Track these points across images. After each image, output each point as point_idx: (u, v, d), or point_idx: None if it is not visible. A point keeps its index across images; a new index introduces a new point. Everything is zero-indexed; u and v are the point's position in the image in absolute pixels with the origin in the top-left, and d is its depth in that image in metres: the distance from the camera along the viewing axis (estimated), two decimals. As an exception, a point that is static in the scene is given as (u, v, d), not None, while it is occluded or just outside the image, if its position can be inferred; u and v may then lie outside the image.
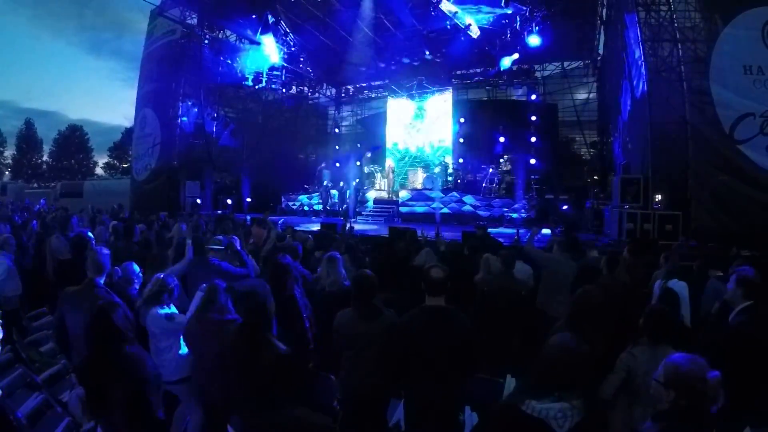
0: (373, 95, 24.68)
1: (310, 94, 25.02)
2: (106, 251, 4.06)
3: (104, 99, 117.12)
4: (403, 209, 16.55)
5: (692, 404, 1.91)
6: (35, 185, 45.06)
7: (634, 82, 12.62)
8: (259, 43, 18.03)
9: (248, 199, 21.03)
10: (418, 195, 16.80)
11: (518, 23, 16.56)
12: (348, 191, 17.64)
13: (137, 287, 4.26)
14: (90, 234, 6.21)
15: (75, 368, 3.84)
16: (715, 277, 5.08)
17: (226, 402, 3.16)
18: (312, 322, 4.16)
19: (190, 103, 20.14)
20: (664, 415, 1.98)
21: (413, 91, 21.51)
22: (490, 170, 17.12)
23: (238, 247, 5.18)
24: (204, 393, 3.54)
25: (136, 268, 4.40)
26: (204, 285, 3.72)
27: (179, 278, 4.29)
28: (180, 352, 3.66)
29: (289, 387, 2.90)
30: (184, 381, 3.63)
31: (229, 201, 20.37)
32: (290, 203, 20.09)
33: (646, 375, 2.73)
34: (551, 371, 2.00)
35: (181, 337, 3.66)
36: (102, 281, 3.91)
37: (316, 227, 12.22)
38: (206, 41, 19.86)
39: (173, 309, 3.86)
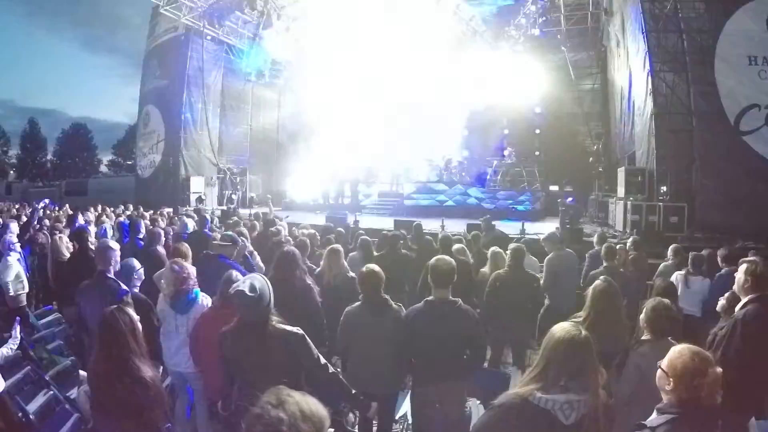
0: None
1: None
2: (113, 243, 4.12)
3: (103, 96, 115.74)
4: (407, 202, 16.52)
5: (690, 396, 1.91)
6: (40, 184, 45.17)
7: (639, 73, 12.55)
8: (261, 38, 18.00)
9: (252, 194, 21.03)
10: (423, 188, 16.78)
11: (522, 14, 16.47)
12: (352, 184, 17.63)
13: (137, 284, 4.21)
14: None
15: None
16: (725, 269, 5.08)
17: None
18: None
19: (193, 99, 20.18)
20: (668, 406, 1.99)
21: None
22: (495, 162, 17.06)
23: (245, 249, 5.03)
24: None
25: (137, 264, 4.35)
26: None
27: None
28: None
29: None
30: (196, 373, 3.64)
31: (233, 196, 20.40)
32: (294, 197, 20.04)
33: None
34: (554, 361, 1.99)
35: None
36: (112, 272, 3.96)
37: (321, 221, 12.24)
38: (208, 37, 19.87)
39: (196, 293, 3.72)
